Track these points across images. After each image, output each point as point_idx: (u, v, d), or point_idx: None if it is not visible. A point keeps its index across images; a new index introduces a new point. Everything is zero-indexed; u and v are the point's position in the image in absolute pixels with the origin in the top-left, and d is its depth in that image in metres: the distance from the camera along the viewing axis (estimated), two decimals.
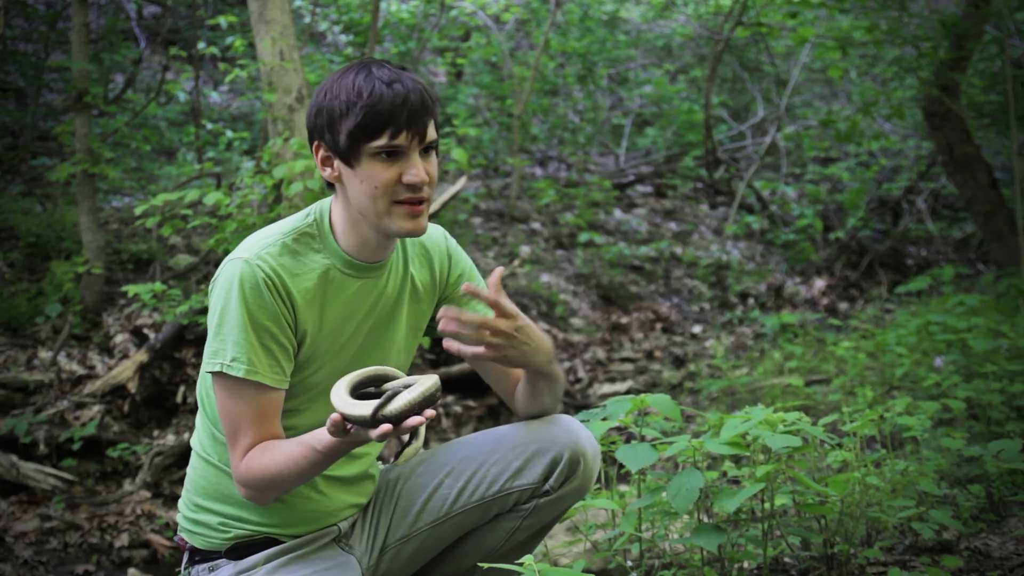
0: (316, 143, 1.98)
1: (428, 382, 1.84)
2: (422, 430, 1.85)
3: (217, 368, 1.94)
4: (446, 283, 2.22)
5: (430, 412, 1.81)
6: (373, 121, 1.90)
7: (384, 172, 1.93)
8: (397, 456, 1.86)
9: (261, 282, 1.94)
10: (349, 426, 1.83)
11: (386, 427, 1.78)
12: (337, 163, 1.97)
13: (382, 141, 1.91)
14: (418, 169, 1.93)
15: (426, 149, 1.96)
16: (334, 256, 2.03)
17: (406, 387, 1.86)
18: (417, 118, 1.91)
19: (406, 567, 2.23)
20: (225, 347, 1.94)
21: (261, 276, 1.94)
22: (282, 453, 1.94)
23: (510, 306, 1.93)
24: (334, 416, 1.82)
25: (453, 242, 2.24)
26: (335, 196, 2.05)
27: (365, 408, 1.81)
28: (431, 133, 1.95)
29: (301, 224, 2.04)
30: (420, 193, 1.95)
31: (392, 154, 1.92)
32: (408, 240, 2.16)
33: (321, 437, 1.91)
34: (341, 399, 1.84)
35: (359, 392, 1.90)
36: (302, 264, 2.00)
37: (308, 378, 2.05)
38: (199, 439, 2.14)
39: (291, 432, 2.05)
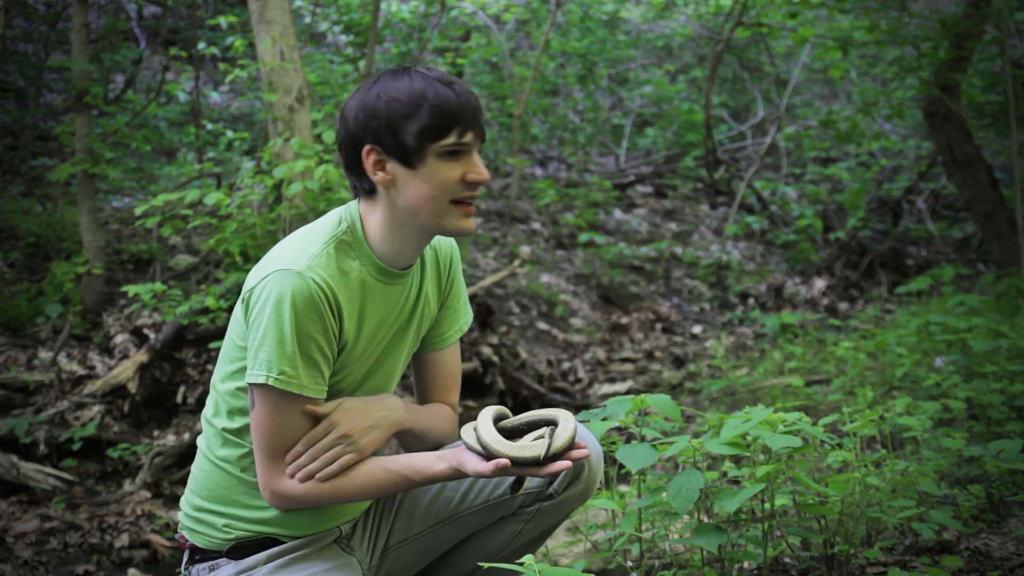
0: (368, 147, 1.96)
1: (570, 417, 1.96)
2: None
3: (262, 380, 1.93)
4: (447, 281, 2.24)
5: (582, 444, 1.94)
6: (442, 121, 1.93)
7: (449, 171, 1.96)
8: (517, 487, 1.99)
9: (315, 295, 1.93)
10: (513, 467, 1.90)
11: (564, 464, 1.89)
12: (392, 166, 1.97)
13: (450, 140, 1.94)
14: (482, 168, 1.98)
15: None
16: (369, 263, 2.04)
17: (532, 423, 1.98)
18: (479, 118, 1.98)
19: (407, 569, 2.23)
20: (272, 359, 1.92)
21: (315, 289, 1.93)
22: (361, 476, 2.00)
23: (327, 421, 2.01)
24: (500, 462, 1.88)
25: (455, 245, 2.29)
26: (369, 202, 2.03)
27: (536, 450, 1.89)
28: (486, 134, 2.02)
29: (337, 231, 2.03)
30: (476, 192, 2.00)
31: (456, 153, 1.96)
32: (427, 247, 2.18)
33: (420, 469, 1.98)
34: (502, 443, 1.90)
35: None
36: (344, 273, 2.00)
37: (338, 383, 2.06)
38: (207, 442, 2.13)
39: None
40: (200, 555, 2.13)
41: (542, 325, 7.40)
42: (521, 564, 1.79)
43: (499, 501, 2.16)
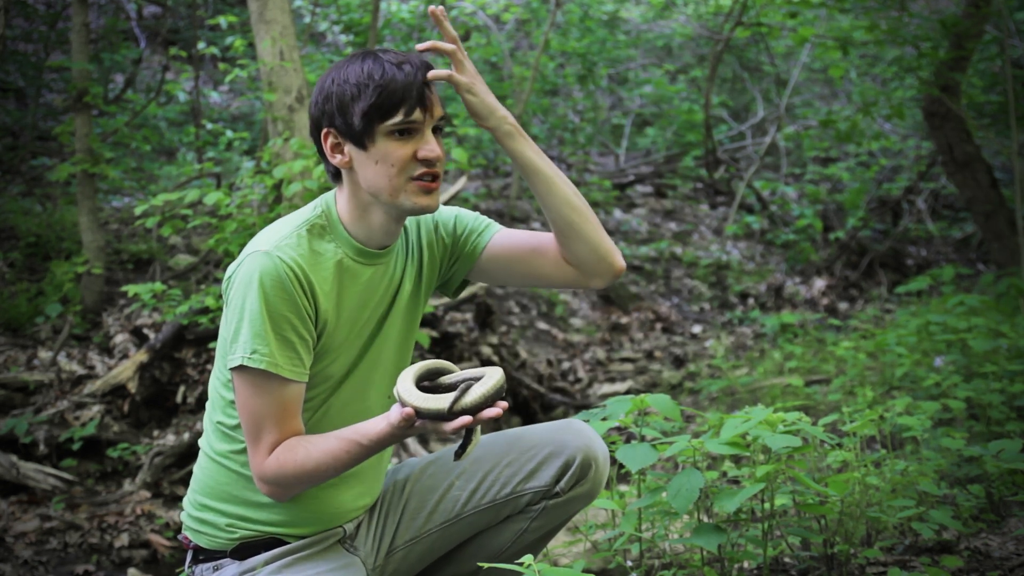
0: (325, 130, 1.99)
1: (497, 374, 1.85)
2: (479, 426, 1.86)
3: (238, 362, 1.94)
4: (444, 245, 2.20)
5: (503, 404, 1.83)
6: (388, 100, 1.93)
7: (400, 150, 1.96)
8: (460, 453, 1.87)
9: (283, 274, 1.94)
10: (418, 420, 1.83)
11: (466, 419, 1.80)
12: (348, 148, 1.99)
13: (397, 119, 1.94)
14: (432, 145, 1.97)
15: (436, 128, 2.00)
16: (345, 245, 2.04)
17: (468, 379, 1.86)
18: (429, 96, 1.96)
19: (413, 567, 2.23)
20: (246, 341, 1.94)
21: (283, 268, 1.94)
22: (319, 449, 1.95)
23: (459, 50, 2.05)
24: (405, 410, 1.83)
25: (443, 210, 2.24)
26: (339, 187, 2.06)
27: (441, 402, 1.81)
28: (440, 110, 2.00)
29: (311, 216, 2.05)
30: (434, 168, 1.99)
31: (406, 132, 1.96)
32: (409, 224, 2.17)
33: (367, 431, 1.92)
34: (412, 394, 1.84)
35: (419, 386, 1.90)
36: (318, 255, 2.01)
37: (326, 368, 2.05)
38: (207, 439, 2.13)
39: (312, 425, 2.05)
40: (204, 555, 2.13)
41: (542, 325, 7.40)
42: (521, 564, 1.79)
43: (506, 500, 2.16)
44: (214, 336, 5.29)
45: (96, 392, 5.13)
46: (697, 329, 7.86)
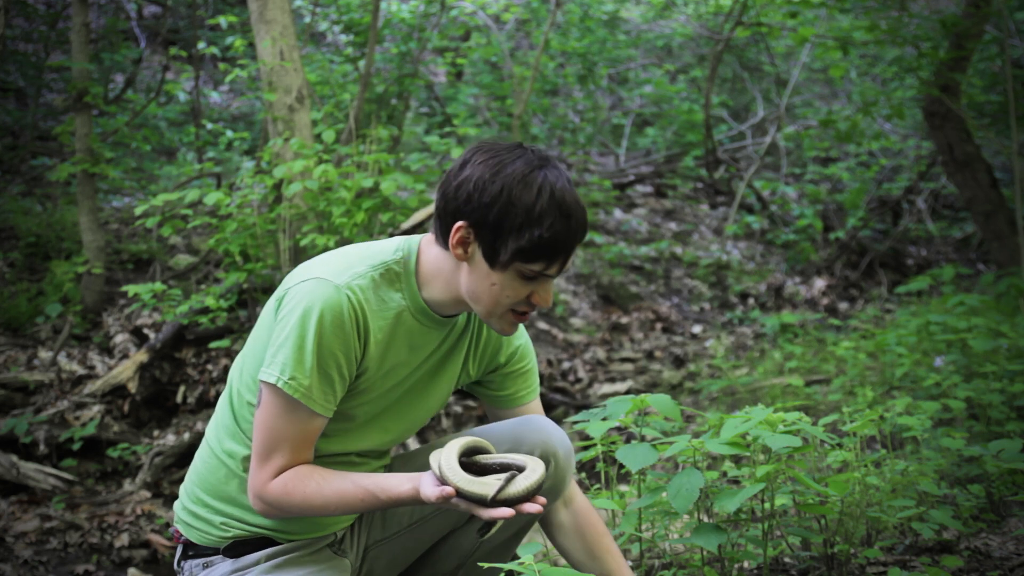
0: (461, 223, 1.92)
1: (540, 468, 1.85)
2: None
3: (272, 380, 1.92)
4: (496, 360, 2.21)
5: (542, 500, 1.84)
6: (539, 251, 1.91)
7: (521, 289, 1.95)
8: (484, 532, 1.87)
9: (346, 313, 1.92)
10: (454, 498, 1.83)
11: (507, 511, 1.80)
12: (474, 251, 1.94)
13: (536, 267, 1.93)
14: (549, 295, 1.98)
15: None
16: (412, 300, 2.02)
17: (509, 466, 1.87)
18: (574, 248, 1.95)
19: (389, 569, 2.24)
20: (286, 363, 1.91)
21: (347, 307, 1.92)
22: (332, 488, 1.95)
23: None
24: (446, 489, 1.82)
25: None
26: (440, 249, 2.00)
27: (485, 487, 1.80)
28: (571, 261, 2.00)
29: (390, 259, 2.01)
30: (534, 310, 2.00)
31: (536, 278, 1.95)
32: None
33: (388, 488, 1.92)
34: (457, 474, 1.83)
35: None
36: (383, 302, 1.99)
37: (351, 409, 2.04)
38: (217, 436, 2.11)
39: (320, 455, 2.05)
40: (194, 551, 2.13)
41: (542, 325, 7.40)
42: (521, 564, 1.79)
43: None
44: (214, 336, 5.29)
45: (96, 392, 5.13)
46: (697, 329, 7.87)
